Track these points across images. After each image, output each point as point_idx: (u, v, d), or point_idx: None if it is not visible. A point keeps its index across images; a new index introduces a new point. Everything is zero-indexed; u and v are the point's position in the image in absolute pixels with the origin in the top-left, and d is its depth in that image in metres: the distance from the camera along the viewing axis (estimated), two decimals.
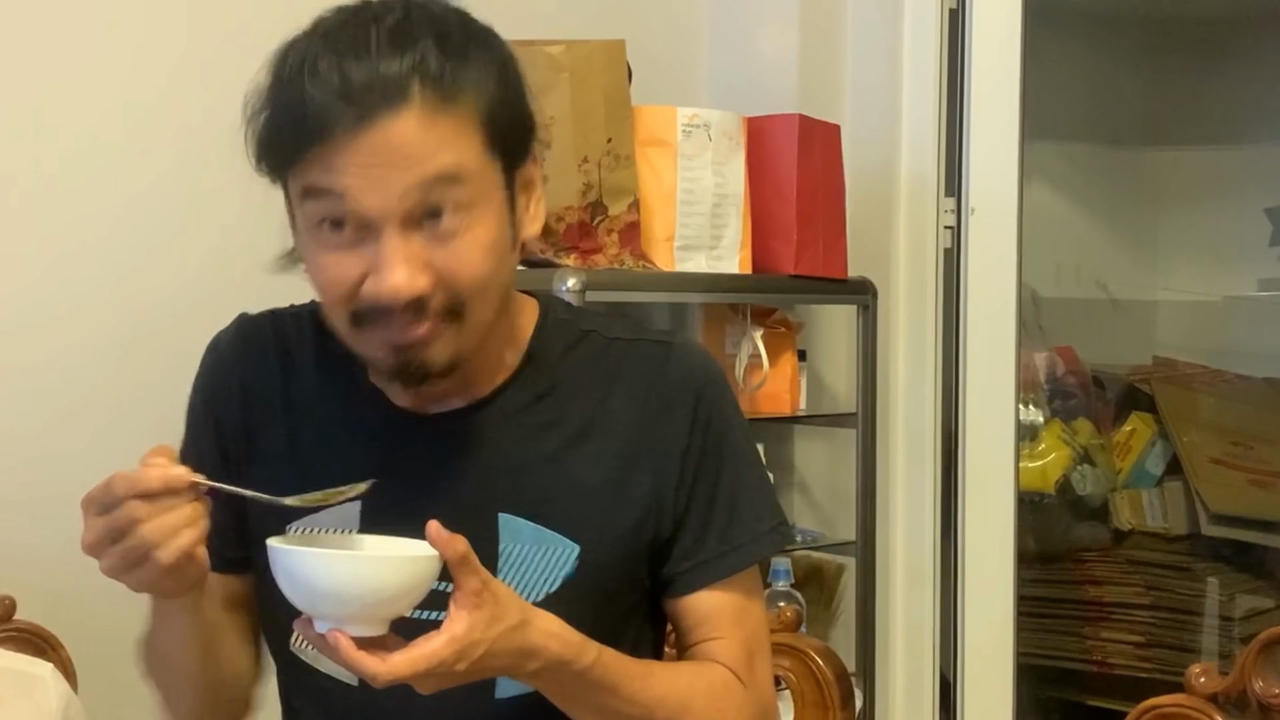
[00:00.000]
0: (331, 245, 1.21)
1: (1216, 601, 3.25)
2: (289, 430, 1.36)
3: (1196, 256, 3.69)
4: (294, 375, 1.38)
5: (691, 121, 2.34)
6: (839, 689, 1.62)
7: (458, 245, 1.20)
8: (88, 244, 2.06)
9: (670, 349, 1.38)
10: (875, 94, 2.70)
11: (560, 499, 1.32)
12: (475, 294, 1.22)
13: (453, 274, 1.21)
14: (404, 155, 1.17)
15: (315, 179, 1.19)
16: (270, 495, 1.23)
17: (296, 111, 1.18)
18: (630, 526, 1.33)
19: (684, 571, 1.36)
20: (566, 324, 1.39)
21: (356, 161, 1.17)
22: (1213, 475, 3.36)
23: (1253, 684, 1.35)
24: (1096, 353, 3.54)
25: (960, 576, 2.65)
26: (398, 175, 1.17)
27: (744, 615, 1.38)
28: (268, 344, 1.40)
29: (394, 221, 1.19)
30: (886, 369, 2.65)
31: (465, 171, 1.20)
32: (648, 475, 1.34)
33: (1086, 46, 3.55)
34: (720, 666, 1.36)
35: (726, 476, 1.37)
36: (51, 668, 1.55)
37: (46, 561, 1.97)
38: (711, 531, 1.36)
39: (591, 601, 1.31)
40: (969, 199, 2.64)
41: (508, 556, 1.31)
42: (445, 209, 1.19)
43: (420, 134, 1.18)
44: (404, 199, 1.18)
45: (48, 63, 2.03)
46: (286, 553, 1.16)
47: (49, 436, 2.03)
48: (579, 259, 2.22)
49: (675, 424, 1.35)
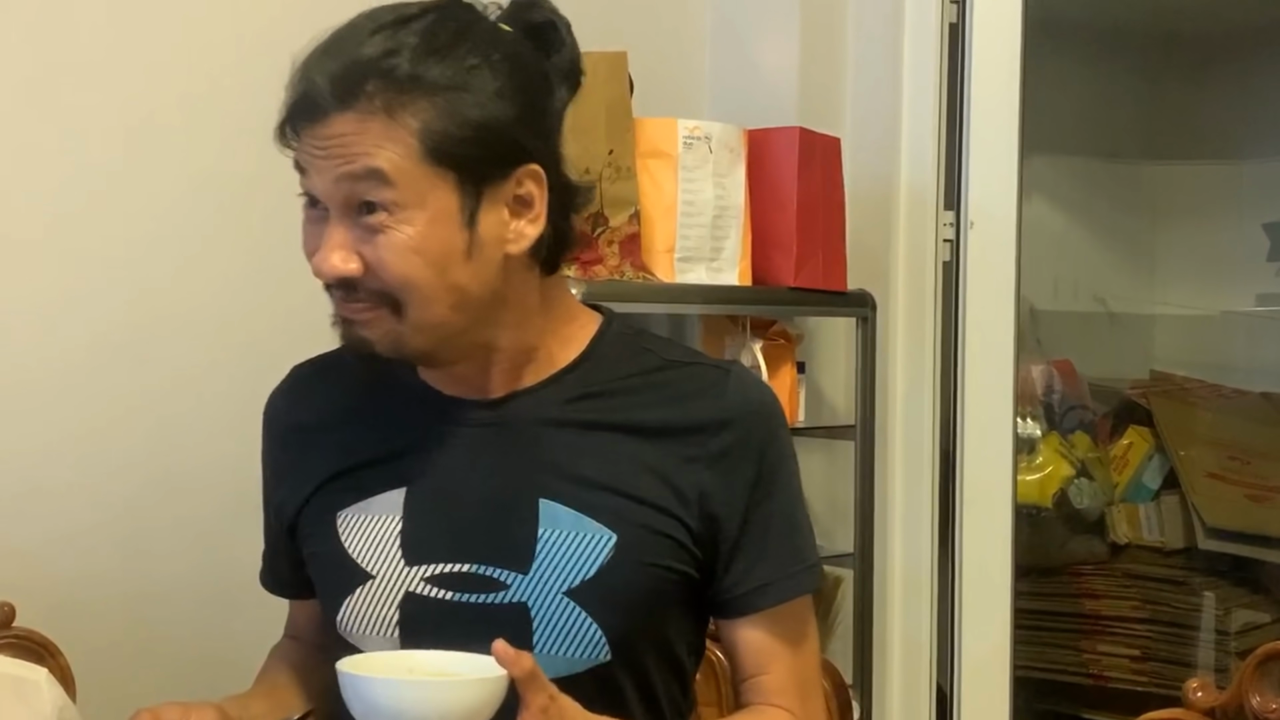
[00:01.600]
0: (308, 219, 1.34)
1: (1213, 616, 3.25)
2: (331, 436, 1.44)
3: (1194, 271, 3.70)
4: (339, 392, 1.46)
5: (692, 134, 2.35)
6: (836, 701, 1.62)
7: (382, 241, 1.28)
8: (89, 248, 2.06)
9: (730, 374, 1.42)
10: (875, 107, 2.70)
11: (601, 490, 1.35)
12: (404, 290, 1.29)
13: (376, 267, 1.29)
14: (340, 147, 1.27)
15: (296, 158, 1.32)
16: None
17: (290, 95, 1.31)
18: (671, 525, 1.36)
19: (740, 595, 1.39)
20: (626, 338, 1.44)
21: (311, 148, 1.29)
22: (1209, 489, 3.36)
23: (1250, 699, 1.35)
24: (1094, 366, 3.54)
25: (958, 589, 2.65)
26: (332, 165, 1.28)
27: (798, 648, 1.42)
28: (314, 379, 1.50)
29: (335, 206, 1.30)
30: (885, 381, 2.66)
31: (395, 174, 1.27)
32: (695, 484, 1.36)
33: (1085, 62, 3.56)
34: (773, 710, 1.40)
35: (783, 506, 1.41)
36: (46, 673, 1.55)
37: (46, 568, 1.98)
38: (768, 558, 1.39)
39: (626, 590, 1.34)
40: (968, 213, 2.65)
41: (545, 541, 1.34)
42: (376, 205, 1.28)
43: (357, 130, 1.27)
44: (337, 188, 1.28)
45: (54, 67, 2.03)
46: (357, 680, 1.19)
47: (50, 444, 2.03)
48: (580, 270, 2.22)
49: (732, 443, 1.38)
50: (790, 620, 1.41)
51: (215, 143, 2.14)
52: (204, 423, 2.11)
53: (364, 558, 1.38)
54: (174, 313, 2.12)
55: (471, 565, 1.34)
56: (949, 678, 2.67)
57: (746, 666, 1.41)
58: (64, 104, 2.03)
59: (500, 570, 1.34)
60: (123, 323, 2.08)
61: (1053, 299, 3.52)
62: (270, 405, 1.51)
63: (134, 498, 2.08)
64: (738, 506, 1.37)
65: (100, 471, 2.06)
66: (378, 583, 1.37)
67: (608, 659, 1.34)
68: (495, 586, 1.34)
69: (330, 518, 1.40)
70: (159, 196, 2.11)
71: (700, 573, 1.38)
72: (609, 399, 1.39)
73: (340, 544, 1.39)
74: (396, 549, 1.37)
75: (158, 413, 2.11)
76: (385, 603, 1.36)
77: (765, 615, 1.40)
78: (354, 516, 1.39)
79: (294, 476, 1.46)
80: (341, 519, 1.40)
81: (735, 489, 1.37)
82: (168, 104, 2.11)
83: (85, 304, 2.06)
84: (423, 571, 1.36)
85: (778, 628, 1.40)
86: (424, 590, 1.35)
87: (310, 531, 1.43)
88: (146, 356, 2.09)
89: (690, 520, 1.36)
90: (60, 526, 2.02)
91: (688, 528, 1.36)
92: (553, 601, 1.33)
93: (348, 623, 1.39)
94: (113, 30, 2.08)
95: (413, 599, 1.35)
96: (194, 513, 2.10)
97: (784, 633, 1.41)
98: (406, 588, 1.36)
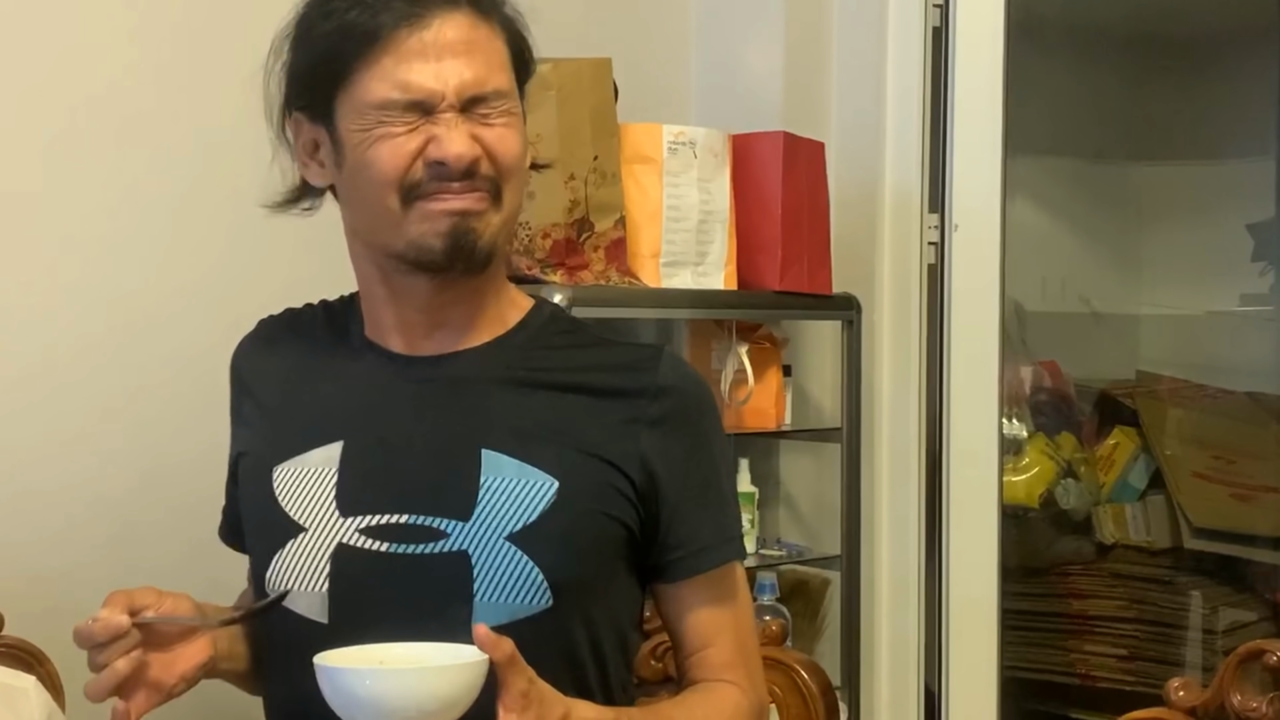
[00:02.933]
0: (388, 135, 1.35)
1: (1199, 615, 3.26)
2: (281, 387, 1.48)
3: (1179, 271, 3.70)
4: (296, 346, 1.50)
5: (677, 139, 2.35)
6: (824, 703, 1.63)
7: (501, 130, 1.37)
8: (81, 248, 2.07)
9: (662, 353, 1.46)
10: (859, 111, 2.71)
11: (543, 440, 1.38)
12: (511, 175, 1.38)
13: (497, 151, 1.36)
14: (466, 46, 1.35)
15: (382, 76, 1.34)
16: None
17: (357, 18, 1.34)
18: (613, 475, 1.39)
19: (682, 557, 1.42)
20: (561, 316, 1.50)
21: (422, 50, 1.33)
22: (1195, 489, 3.37)
23: (1230, 698, 1.36)
24: (1080, 367, 3.55)
25: (944, 590, 2.65)
26: (460, 64, 1.34)
27: (736, 617, 1.45)
28: (278, 330, 1.53)
29: (458, 101, 1.35)
30: (871, 384, 2.66)
31: (504, 74, 1.39)
32: (635, 441, 1.39)
33: (1069, 64, 3.57)
34: (724, 685, 1.43)
35: (717, 476, 1.45)
36: (34, 680, 1.55)
37: (34, 577, 1.98)
38: (707, 522, 1.42)
39: (568, 534, 1.36)
40: (952, 215, 2.65)
41: (489, 487, 1.36)
42: (490, 99, 1.36)
43: (473, 35, 1.36)
44: (466, 87, 1.35)
45: (42, 60, 2.03)
46: (334, 671, 1.19)
47: (40, 450, 2.03)
48: (565, 275, 2.23)
49: (668, 409, 1.41)
50: (727, 586, 1.45)
51: (200, 141, 2.14)
52: (190, 424, 2.11)
53: (296, 510, 1.39)
54: (159, 313, 2.12)
55: (409, 516, 1.36)
56: (937, 678, 2.67)
57: (691, 640, 1.44)
58: (47, 98, 2.03)
59: (440, 520, 1.35)
60: (107, 324, 2.08)
61: (1039, 300, 3.52)
62: (236, 352, 1.56)
63: (121, 499, 2.08)
64: (676, 470, 1.40)
65: (87, 473, 2.06)
66: (309, 536, 1.38)
67: (549, 605, 1.35)
68: (434, 536, 1.35)
69: (266, 472, 1.42)
70: (144, 195, 2.11)
71: (641, 532, 1.41)
72: (549, 360, 1.43)
73: (274, 497, 1.41)
74: (331, 500, 1.38)
75: (142, 414, 2.11)
76: (316, 555, 1.37)
77: (705, 581, 1.43)
78: (290, 470, 1.41)
79: (241, 425, 1.51)
80: (277, 473, 1.42)
81: (673, 453, 1.41)
82: (154, 99, 2.11)
83: (69, 305, 2.06)
84: (357, 523, 1.37)
85: (717, 593, 1.43)
86: (357, 541, 1.36)
87: (247, 484, 1.46)
88: (130, 358, 2.10)
89: (632, 473, 1.39)
90: (47, 529, 2.03)
91: (630, 480, 1.39)
92: (494, 546, 1.34)
93: (276, 579, 1.39)
94: (99, 19, 2.07)
95: (345, 550, 1.36)
96: (181, 515, 2.10)
97: (723, 598, 1.44)
98: (339, 539, 1.37)
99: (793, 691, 1.64)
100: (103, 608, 1.31)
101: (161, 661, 1.33)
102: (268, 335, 1.54)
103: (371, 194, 1.36)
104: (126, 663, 1.30)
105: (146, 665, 1.32)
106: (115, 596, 1.32)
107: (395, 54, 1.33)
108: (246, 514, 1.47)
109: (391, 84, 1.33)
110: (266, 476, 1.42)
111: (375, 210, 1.37)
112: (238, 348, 1.55)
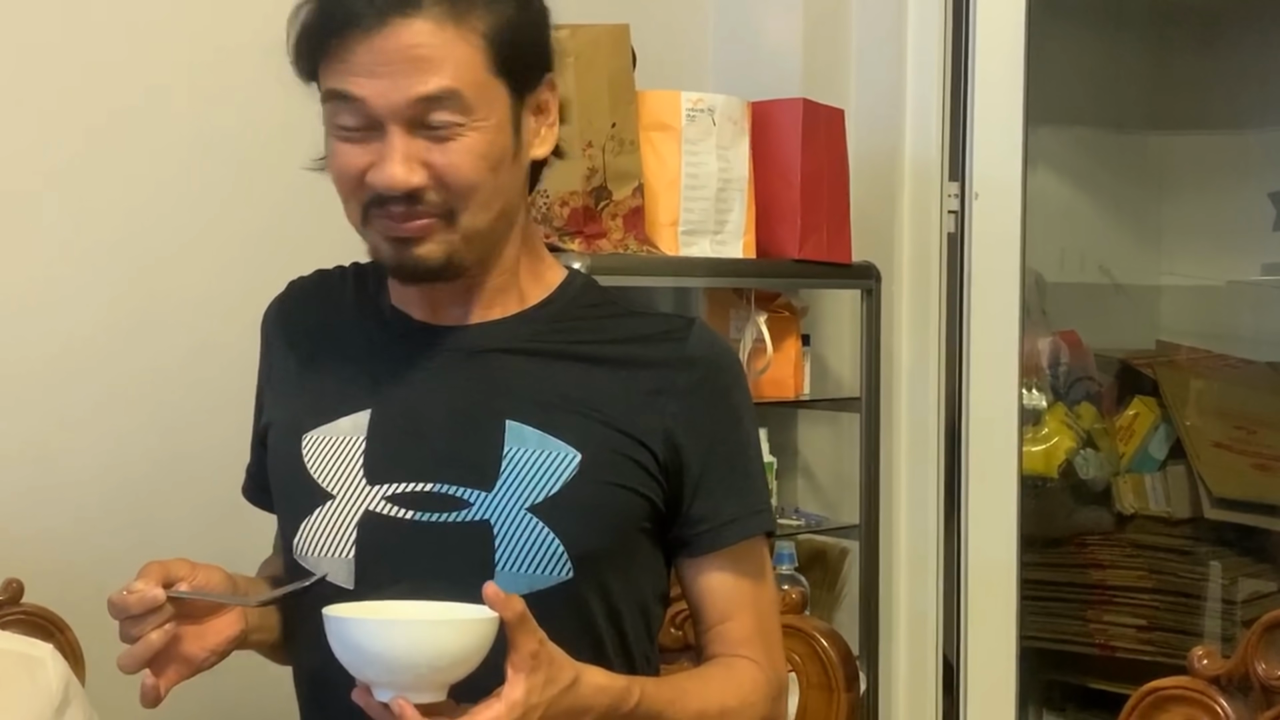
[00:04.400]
0: (345, 139, 1.32)
1: (1219, 585, 3.26)
2: (310, 351, 1.47)
3: (1200, 241, 3.69)
4: (324, 310, 1.49)
5: (696, 106, 2.34)
6: (844, 671, 1.62)
7: (453, 148, 1.30)
8: (101, 233, 2.06)
9: (694, 323, 1.45)
10: (879, 78, 2.70)
11: (568, 412, 1.37)
12: (467, 196, 1.32)
13: (446, 174, 1.30)
14: (412, 61, 1.28)
15: (335, 77, 1.30)
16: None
17: (325, 11, 1.30)
18: (636, 450, 1.38)
19: (706, 531, 1.41)
20: (592, 288, 1.47)
21: (369, 61, 1.28)
22: (1215, 459, 3.36)
23: (1255, 666, 1.36)
24: (1100, 337, 3.54)
25: (963, 560, 2.65)
26: (405, 81, 1.28)
27: (757, 593, 1.44)
28: (308, 293, 1.52)
29: (399, 121, 1.29)
30: (890, 353, 2.66)
31: (468, 83, 1.30)
32: (660, 414, 1.38)
33: (1090, 31, 3.55)
34: (741, 661, 1.41)
35: (744, 448, 1.44)
36: (51, 648, 1.55)
37: (54, 545, 1.99)
38: (732, 496, 1.41)
39: (589, 506, 1.35)
40: (973, 184, 2.65)
41: (511, 458, 1.36)
42: (445, 115, 1.29)
43: (429, 42, 1.28)
44: (409, 104, 1.28)
45: (56, 44, 2.03)
46: (343, 622, 1.18)
47: (59, 421, 2.03)
48: (583, 244, 2.22)
49: (697, 380, 1.40)
50: (751, 561, 1.43)
51: (215, 124, 2.13)
52: (210, 404, 2.12)
53: (325, 478, 1.39)
54: (178, 296, 2.12)
55: (434, 485, 1.35)
56: (955, 648, 2.67)
57: (711, 614, 1.43)
58: (62, 83, 2.03)
59: (464, 489, 1.35)
60: (127, 308, 2.08)
61: (1058, 270, 3.51)
62: (266, 314, 1.54)
63: (142, 480, 2.08)
64: (702, 442, 1.39)
65: (108, 455, 2.07)
66: (337, 502, 1.38)
67: (570, 576, 1.35)
68: (458, 505, 1.35)
69: (295, 439, 1.42)
70: (162, 177, 2.11)
71: (665, 505, 1.40)
72: (577, 333, 1.42)
73: (303, 464, 1.40)
74: (359, 468, 1.38)
75: (163, 396, 2.11)
76: (343, 522, 1.37)
77: (728, 555, 1.42)
78: (319, 437, 1.41)
79: (271, 388, 1.50)
80: (306, 441, 1.41)
81: (700, 424, 1.39)
82: (167, 86, 2.11)
83: (89, 290, 2.06)
84: (384, 490, 1.36)
85: (741, 570, 1.42)
86: (384, 509, 1.36)
87: (277, 450, 1.45)
88: (151, 340, 2.10)
89: (656, 447, 1.38)
90: (70, 510, 2.03)
91: (653, 454, 1.38)
92: (516, 517, 1.34)
93: (303, 546, 1.39)
94: (123, 8, 2.07)
95: (372, 518, 1.36)
96: (201, 493, 2.10)
97: (746, 573, 1.43)
98: (366, 506, 1.36)
99: (812, 659, 1.63)
100: (137, 579, 1.30)
101: (192, 634, 1.33)
102: (299, 297, 1.53)
103: (338, 190, 1.37)
104: (160, 635, 1.29)
105: (178, 638, 1.31)
106: (150, 568, 1.31)
107: (344, 60, 1.29)
108: (275, 479, 1.46)
109: (337, 88, 1.30)
110: (295, 443, 1.42)
111: (346, 207, 1.37)
112: (268, 310, 1.54)
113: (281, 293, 1.55)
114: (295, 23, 1.34)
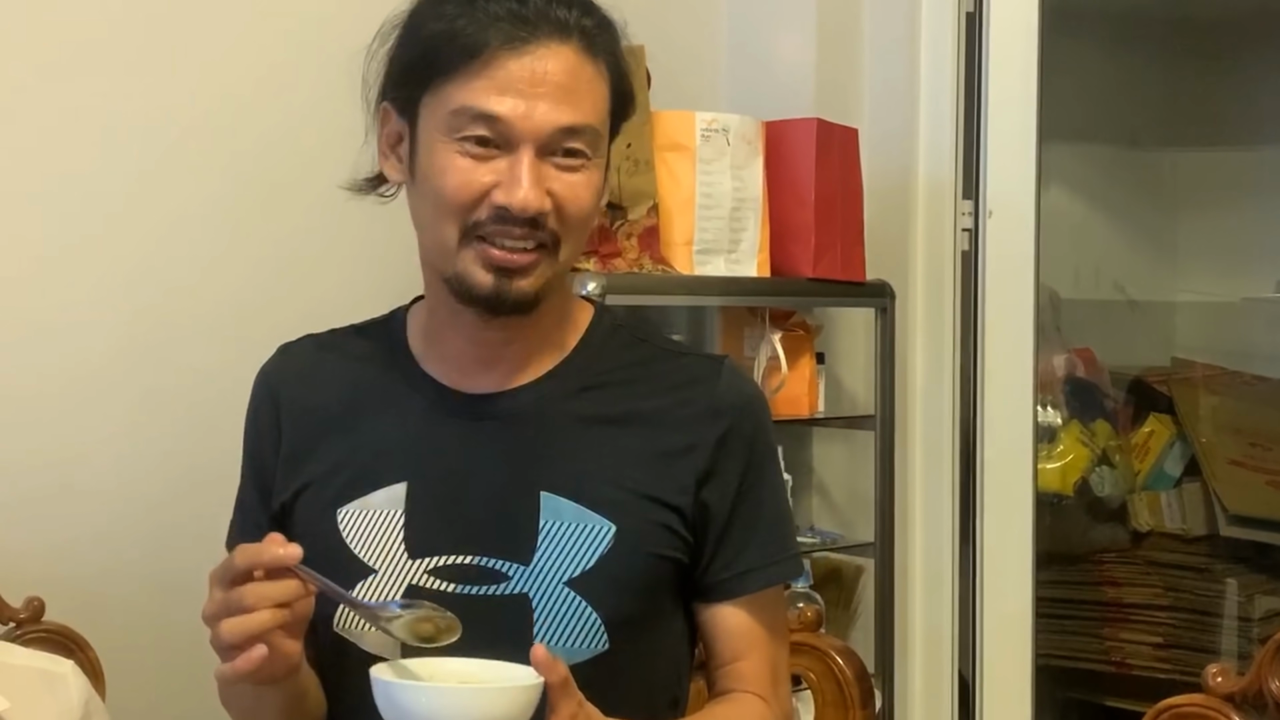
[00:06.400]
0: (468, 154, 1.31)
1: (1235, 602, 3.25)
2: (329, 422, 1.44)
3: (1215, 258, 3.69)
4: (338, 377, 1.46)
5: (710, 126, 2.35)
6: (859, 688, 1.63)
7: (576, 180, 1.33)
8: (122, 255, 2.07)
9: (722, 366, 1.45)
10: (893, 97, 2.70)
11: (600, 482, 1.37)
12: (577, 229, 1.35)
13: (567, 204, 1.32)
14: (562, 88, 1.30)
15: (472, 94, 1.30)
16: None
17: (465, 27, 1.30)
18: (667, 515, 1.38)
19: (726, 579, 1.42)
20: (619, 329, 1.47)
21: (519, 81, 1.30)
22: (1231, 476, 3.36)
23: (1269, 684, 1.36)
24: (1115, 354, 3.54)
25: (979, 577, 2.65)
26: (552, 106, 1.30)
27: (772, 636, 1.45)
28: (311, 359, 1.49)
29: (534, 144, 1.31)
30: (905, 371, 2.66)
31: (600, 119, 1.34)
32: (690, 471, 1.39)
33: (1104, 48, 3.55)
34: (750, 697, 1.42)
35: (769, 495, 1.44)
36: (73, 665, 1.56)
37: (75, 563, 2.00)
38: (754, 544, 1.42)
39: (625, 579, 1.36)
40: (987, 201, 2.65)
41: (547, 532, 1.36)
42: (578, 146, 1.32)
43: (577, 72, 1.31)
44: (553, 130, 1.31)
45: (85, 67, 2.04)
46: (392, 686, 1.18)
47: (80, 441, 2.04)
48: (599, 263, 2.23)
49: (725, 431, 1.41)
50: (770, 607, 1.44)
51: (241, 144, 2.14)
52: (230, 425, 2.12)
53: (365, 552, 1.38)
54: (196, 314, 2.13)
55: (474, 557, 1.36)
56: (971, 666, 2.67)
57: (724, 652, 1.44)
58: (91, 105, 2.04)
59: (502, 562, 1.35)
60: (147, 324, 2.09)
61: (1073, 287, 3.51)
62: (263, 379, 1.50)
63: (160, 495, 2.09)
64: (728, 493, 1.40)
65: (127, 470, 2.07)
66: (379, 577, 1.37)
67: (606, 648, 1.36)
68: (497, 578, 1.35)
69: (330, 513, 1.40)
70: (184, 197, 2.12)
71: (690, 557, 1.41)
72: (607, 391, 1.42)
73: (341, 539, 1.39)
74: (400, 542, 1.38)
75: (181, 413, 2.12)
76: (387, 596, 1.36)
77: (747, 601, 1.43)
78: (356, 512, 1.40)
79: (292, 460, 1.45)
80: (343, 514, 1.40)
81: (727, 476, 1.40)
82: (194, 106, 2.12)
83: (110, 307, 2.07)
84: (426, 564, 1.37)
85: (758, 614, 1.43)
86: (426, 582, 1.36)
87: (307, 524, 1.42)
88: (169, 358, 2.10)
89: (685, 507, 1.39)
90: (89, 525, 2.04)
91: (682, 515, 1.39)
92: (554, 591, 1.35)
93: (346, 620, 1.38)
94: (144, 30, 2.08)
95: (415, 592, 1.35)
96: (222, 513, 2.11)
97: (763, 619, 1.43)
98: (410, 580, 1.36)
99: (828, 677, 1.64)
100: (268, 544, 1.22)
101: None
102: (301, 363, 1.49)
103: (433, 214, 1.35)
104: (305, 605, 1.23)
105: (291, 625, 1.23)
106: (273, 536, 1.25)
107: (489, 76, 1.29)
108: (310, 554, 1.33)
109: (478, 105, 1.30)
110: (331, 517, 1.40)
111: (434, 231, 1.36)
112: (264, 375, 1.50)
113: (275, 358, 1.51)
114: (413, 34, 1.34)
